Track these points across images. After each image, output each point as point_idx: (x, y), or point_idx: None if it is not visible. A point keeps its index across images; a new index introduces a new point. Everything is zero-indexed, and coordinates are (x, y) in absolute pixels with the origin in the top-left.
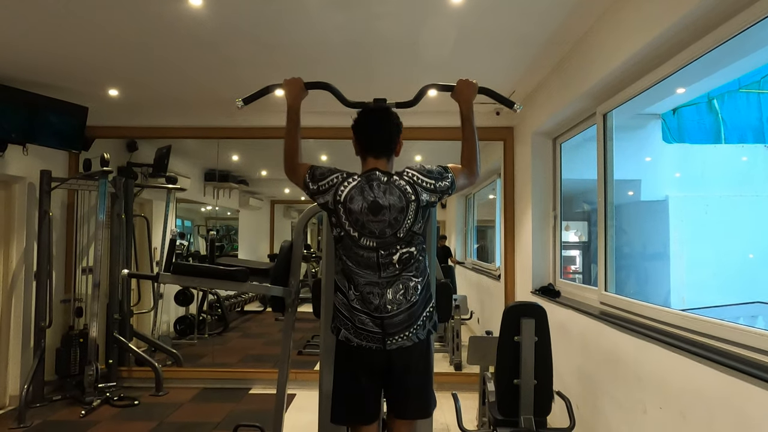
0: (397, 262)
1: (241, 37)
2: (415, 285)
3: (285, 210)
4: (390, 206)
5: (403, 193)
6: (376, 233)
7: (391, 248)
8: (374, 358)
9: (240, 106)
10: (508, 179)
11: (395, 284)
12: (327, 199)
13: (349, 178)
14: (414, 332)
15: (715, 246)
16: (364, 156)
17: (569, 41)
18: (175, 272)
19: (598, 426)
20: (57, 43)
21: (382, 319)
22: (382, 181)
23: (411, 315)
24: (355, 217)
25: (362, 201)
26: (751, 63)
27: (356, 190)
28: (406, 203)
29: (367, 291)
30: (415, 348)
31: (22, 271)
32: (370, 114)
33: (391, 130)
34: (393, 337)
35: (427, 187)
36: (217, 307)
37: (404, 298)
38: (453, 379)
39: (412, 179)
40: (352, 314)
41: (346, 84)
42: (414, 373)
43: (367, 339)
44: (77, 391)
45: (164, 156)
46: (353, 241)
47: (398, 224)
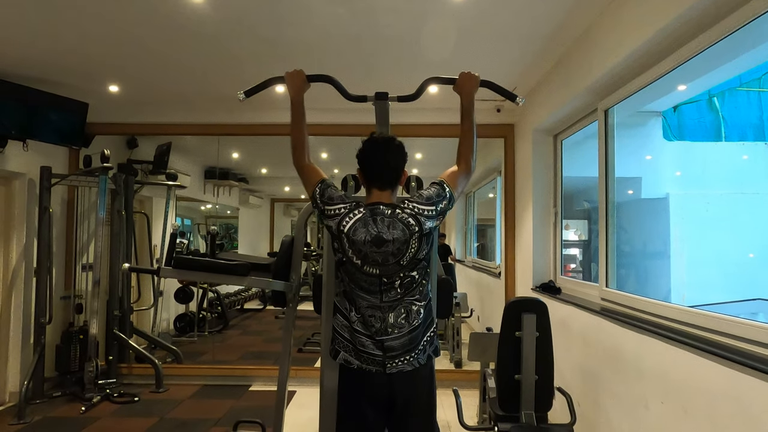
0: (399, 286)
1: (243, 31)
2: (418, 309)
3: (285, 208)
4: (394, 240)
5: (406, 226)
6: (379, 261)
7: (393, 276)
8: (375, 384)
9: (242, 98)
10: (508, 176)
11: (397, 308)
12: (331, 224)
13: (355, 210)
14: (415, 356)
15: (715, 244)
16: (368, 187)
17: (571, 37)
18: (176, 266)
19: (599, 421)
20: (57, 39)
21: (383, 342)
22: (386, 215)
23: (412, 339)
24: (357, 248)
25: (366, 234)
26: (752, 60)
27: (360, 223)
28: (410, 235)
29: (369, 314)
30: (416, 375)
31: (22, 267)
32: (375, 143)
33: (396, 164)
34: (393, 360)
35: (430, 215)
36: (217, 304)
37: (406, 322)
38: (453, 376)
39: (414, 210)
40: (354, 336)
41: (348, 78)
42: (417, 406)
43: (368, 362)
44: (77, 387)
45: (164, 153)
46: (356, 267)
47: (401, 254)
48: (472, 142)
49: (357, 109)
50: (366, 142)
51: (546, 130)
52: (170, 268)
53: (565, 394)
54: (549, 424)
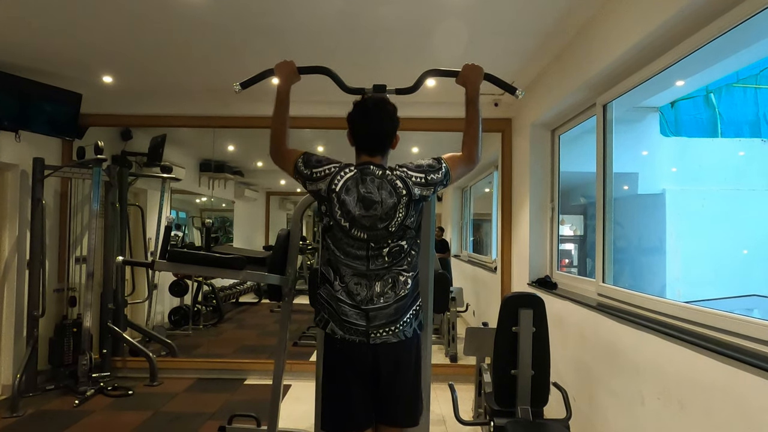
0: (386, 255)
1: (239, 22)
2: (405, 280)
3: (280, 202)
4: (382, 201)
5: (394, 188)
6: (367, 226)
7: (381, 242)
8: (359, 354)
9: (237, 90)
10: (505, 171)
11: (384, 277)
12: (320, 187)
13: (346, 169)
14: (400, 328)
15: (711, 240)
16: (358, 151)
17: (570, 31)
18: (170, 259)
19: (595, 417)
20: (50, 29)
21: (367, 312)
22: (376, 176)
23: (398, 309)
24: (347, 209)
25: (356, 194)
26: (750, 56)
27: (351, 182)
28: (398, 198)
29: (354, 282)
30: (401, 346)
31: (15, 259)
32: (366, 109)
33: (387, 128)
34: (377, 330)
35: (419, 182)
36: (212, 298)
37: (393, 292)
38: (449, 371)
39: (403, 175)
40: (338, 305)
41: (346, 70)
42: (402, 377)
43: (351, 332)
44: (71, 380)
45: (159, 145)
46: (344, 231)
47: (389, 219)
48: (477, 131)
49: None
50: (357, 106)
51: (544, 125)
52: (165, 261)
53: (561, 389)
54: (545, 419)
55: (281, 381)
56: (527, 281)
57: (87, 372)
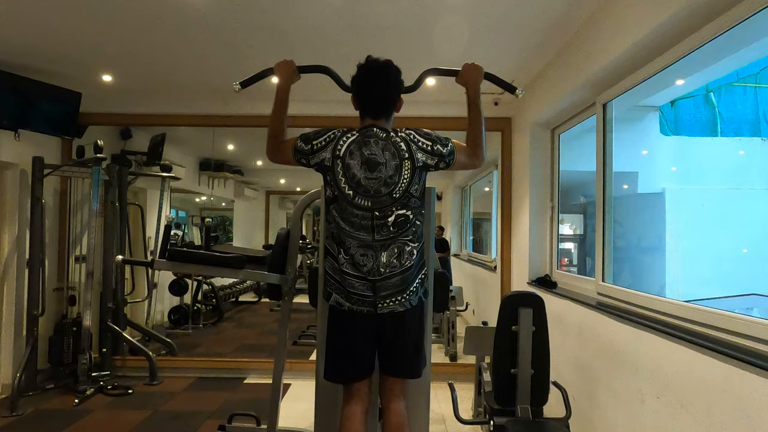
0: (392, 224)
1: (239, 20)
2: (411, 250)
3: (280, 201)
4: (386, 162)
5: (398, 150)
6: (371, 191)
7: (386, 210)
8: (366, 322)
9: (237, 89)
10: (505, 170)
11: (390, 247)
12: (324, 156)
13: (348, 133)
14: (407, 298)
15: (711, 239)
16: (362, 114)
17: (570, 30)
18: (170, 258)
19: (594, 416)
20: (49, 27)
21: (374, 282)
22: (380, 138)
23: (404, 279)
24: (352, 173)
25: (360, 156)
26: (750, 55)
27: (355, 146)
28: (401, 161)
29: (361, 254)
30: (407, 314)
31: (15, 258)
32: (370, 72)
33: (391, 91)
34: (384, 300)
35: (424, 148)
36: (212, 297)
37: (398, 262)
38: (448, 370)
39: (408, 137)
40: (343, 278)
41: (346, 69)
42: (405, 340)
43: (358, 303)
44: (70, 379)
45: (159, 144)
46: (347, 200)
47: (393, 183)
48: (480, 131)
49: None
50: (361, 69)
51: (544, 124)
52: (164, 260)
53: (560, 388)
54: (544, 418)
55: (281, 380)
56: (527, 280)
57: (87, 371)
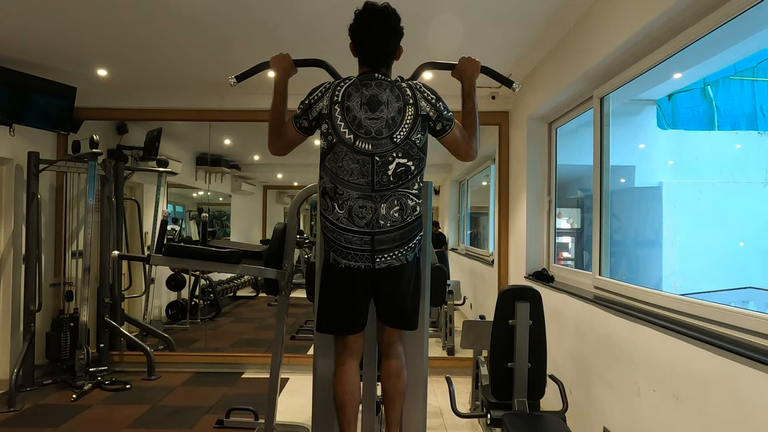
0: (392, 174)
1: (236, 14)
2: (414, 206)
3: (278, 195)
4: (388, 102)
5: (402, 93)
6: (372, 132)
7: (387, 155)
8: (363, 277)
9: (233, 83)
10: (503, 164)
11: (390, 199)
12: (321, 105)
13: (346, 79)
14: (404, 253)
15: (707, 232)
16: (361, 63)
17: (567, 23)
18: (166, 254)
19: (591, 409)
20: (43, 21)
21: (373, 235)
22: (381, 81)
23: (403, 235)
24: (352, 115)
25: (359, 96)
26: (748, 48)
27: (353, 87)
28: (404, 104)
29: (359, 205)
30: (404, 269)
31: (11, 254)
32: (367, 20)
33: (389, 38)
34: (382, 254)
35: (428, 99)
36: (210, 292)
37: (400, 216)
38: (446, 364)
39: (414, 86)
40: (338, 235)
41: (342, 63)
42: (403, 294)
43: (355, 258)
44: (68, 375)
45: (155, 139)
46: (347, 145)
47: (395, 125)
48: (474, 122)
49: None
50: (359, 14)
51: (541, 118)
52: (161, 255)
53: (557, 381)
54: (541, 412)
55: (279, 375)
56: (524, 274)
57: (84, 366)
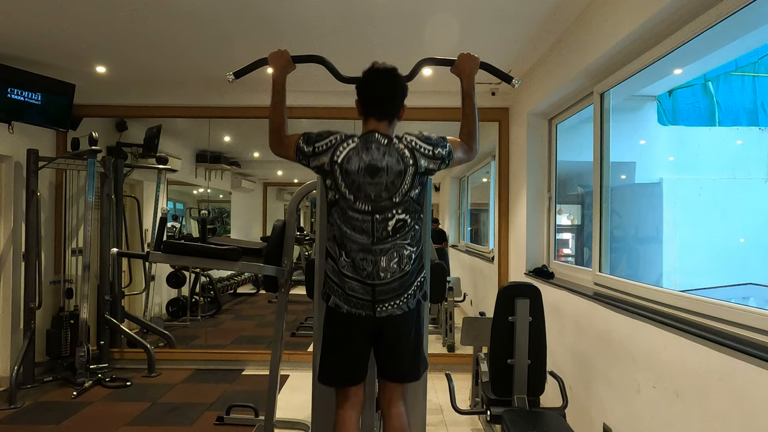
0: (391, 229)
1: (235, 10)
2: (410, 254)
3: (278, 192)
4: (387, 168)
5: (401, 156)
6: (372, 196)
7: (386, 213)
8: (364, 325)
9: (231, 79)
10: (503, 160)
11: (389, 252)
12: (323, 160)
13: (348, 140)
14: (404, 301)
15: (708, 229)
16: (366, 117)
17: (567, 19)
18: (165, 251)
19: (590, 405)
20: (41, 18)
21: (374, 287)
22: (381, 143)
23: (402, 284)
24: (351, 179)
25: (359, 162)
26: (749, 44)
27: (354, 152)
28: (404, 167)
29: (360, 258)
30: (405, 316)
31: (11, 252)
32: (375, 75)
33: (395, 93)
34: (383, 304)
35: (426, 154)
36: (210, 289)
37: (398, 267)
38: (446, 360)
39: (411, 144)
40: (342, 281)
41: (341, 60)
42: (404, 343)
43: (357, 306)
44: (68, 372)
45: (154, 136)
46: (348, 204)
47: (395, 188)
48: (474, 123)
49: (350, 92)
50: (367, 73)
51: (541, 114)
52: (159, 252)
53: (557, 378)
54: (541, 408)
55: (278, 372)
56: (524, 271)
57: (85, 363)
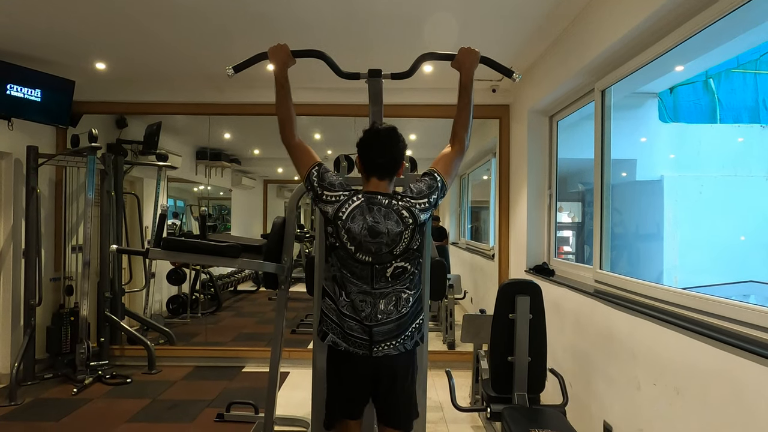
0: (390, 276)
1: (234, 7)
2: (407, 297)
3: (278, 189)
4: (388, 231)
5: (401, 218)
6: (373, 251)
7: (386, 263)
8: (361, 365)
9: (230, 74)
10: (503, 157)
11: (388, 296)
12: (328, 210)
13: (354, 197)
14: (401, 342)
15: (709, 226)
16: (368, 176)
17: (568, 15)
18: (165, 248)
19: (591, 403)
20: (40, 15)
21: (371, 328)
22: (383, 205)
23: (400, 326)
24: (353, 236)
25: (362, 223)
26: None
27: (358, 211)
28: (404, 227)
29: (360, 299)
30: (401, 357)
31: (11, 249)
32: (377, 136)
33: (396, 155)
34: (379, 345)
35: (424, 208)
36: (210, 286)
37: (395, 309)
38: (446, 358)
39: (408, 204)
40: (342, 320)
41: (341, 56)
42: (400, 387)
43: (355, 345)
44: (69, 369)
45: (154, 133)
46: (348, 254)
47: (395, 244)
48: (468, 119)
49: (350, 89)
50: (368, 133)
51: (541, 111)
52: (159, 249)
53: (557, 375)
54: (541, 405)
55: (278, 369)
56: (525, 268)
57: (85, 360)
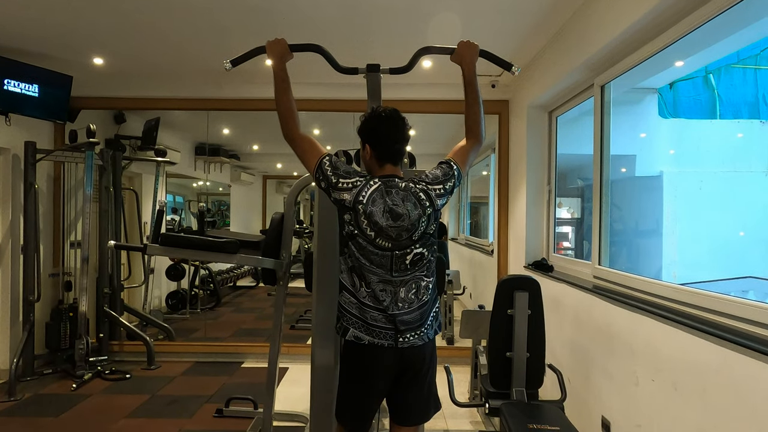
0: (409, 263)
1: (232, 1)
2: (427, 284)
3: (277, 185)
4: (408, 213)
5: (419, 201)
6: (393, 236)
7: (405, 249)
8: (386, 357)
9: (228, 68)
10: (502, 153)
11: (408, 283)
12: (345, 197)
13: (371, 181)
14: (425, 331)
15: (708, 222)
16: (381, 163)
17: (568, 10)
18: (163, 243)
19: (589, 398)
20: (37, 9)
21: (394, 317)
22: (400, 188)
23: (422, 314)
24: (374, 220)
25: (383, 205)
26: (750, 35)
27: (378, 194)
28: (423, 211)
29: (380, 288)
30: (425, 348)
31: (9, 244)
32: (385, 121)
33: (405, 137)
34: (405, 334)
35: (441, 193)
36: (209, 281)
37: (416, 297)
38: (445, 353)
39: (426, 189)
40: (363, 312)
41: (341, 50)
42: (422, 379)
43: (380, 336)
44: (68, 364)
45: (153, 128)
46: (369, 240)
47: (414, 229)
48: (479, 112)
49: (349, 84)
50: (374, 118)
51: (541, 107)
52: (157, 245)
53: (556, 371)
54: (540, 401)
55: (277, 365)
56: (524, 264)
57: (84, 356)
